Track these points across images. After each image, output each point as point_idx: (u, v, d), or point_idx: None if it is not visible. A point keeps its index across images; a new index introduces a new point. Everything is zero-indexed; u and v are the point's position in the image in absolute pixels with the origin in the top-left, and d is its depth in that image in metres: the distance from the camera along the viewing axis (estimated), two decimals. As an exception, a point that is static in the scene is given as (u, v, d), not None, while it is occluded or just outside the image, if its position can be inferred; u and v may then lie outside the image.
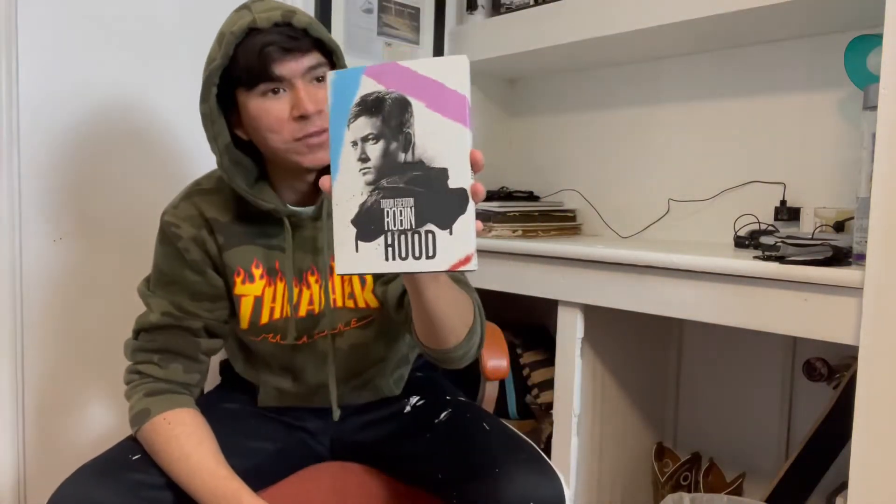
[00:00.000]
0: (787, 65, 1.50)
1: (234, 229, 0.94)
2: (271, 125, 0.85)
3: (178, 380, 0.92)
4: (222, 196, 0.95)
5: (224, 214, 0.94)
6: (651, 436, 1.71)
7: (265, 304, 0.95)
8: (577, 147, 1.90)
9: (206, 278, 0.93)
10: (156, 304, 0.93)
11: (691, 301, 1.20)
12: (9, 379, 1.25)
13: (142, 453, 0.88)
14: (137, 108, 1.37)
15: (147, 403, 0.88)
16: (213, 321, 0.95)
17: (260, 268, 0.94)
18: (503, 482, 0.83)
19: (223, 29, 0.85)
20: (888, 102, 0.98)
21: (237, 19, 0.84)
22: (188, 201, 0.95)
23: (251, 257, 0.94)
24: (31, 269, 1.27)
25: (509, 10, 1.79)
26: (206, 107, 0.86)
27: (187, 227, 0.93)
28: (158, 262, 0.95)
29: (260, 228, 0.94)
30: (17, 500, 1.28)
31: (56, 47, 1.27)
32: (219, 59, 0.83)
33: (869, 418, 1.00)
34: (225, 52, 0.83)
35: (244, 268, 0.94)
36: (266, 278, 0.94)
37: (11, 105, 1.22)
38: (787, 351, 1.56)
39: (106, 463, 0.86)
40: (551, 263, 1.41)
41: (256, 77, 0.83)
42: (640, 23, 1.45)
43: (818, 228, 1.37)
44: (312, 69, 0.85)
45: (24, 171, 1.25)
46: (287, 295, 0.95)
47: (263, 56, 0.82)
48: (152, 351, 0.92)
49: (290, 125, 0.84)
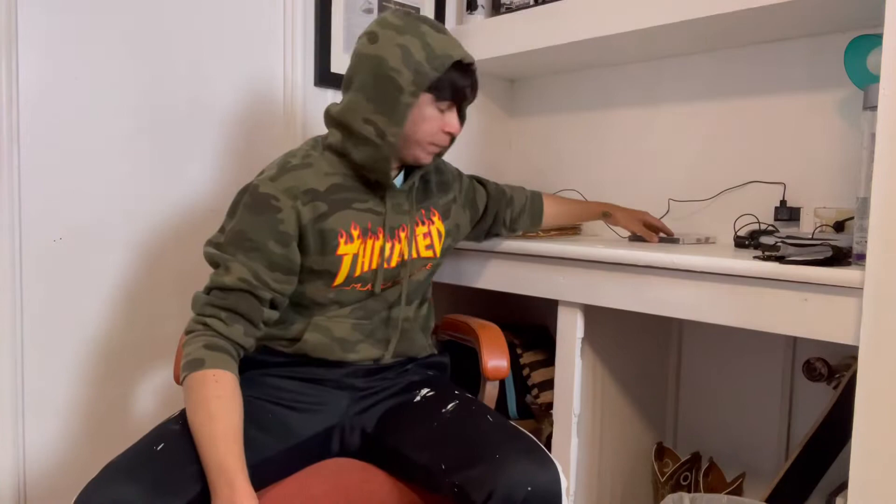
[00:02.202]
0: (787, 65, 1.50)
1: (332, 198, 1.07)
2: (431, 129, 1.08)
3: (237, 340, 0.99)
4: (314, 170, 1.08)
5: (321, 184, 1.07)
6: (651, 436, 1.71)
7: (360, 260, 1.09)
8: (577, 147, 1.90)
9: (288, 251, 1.03)
10: (235, 267, 1.00)
11: (691, 301, 1.20)
12: (9, 379, 1.25)
13: (165, 443, 0.89)
14: (137, 108, 1.37)
15: (203, 354, 0.95)
16: (280, 294, 1.04)
17: (357, 228, 1.09)
18: (502, 468, 0.87)
19: (433, 45, 1.03)
20: (888, 102, 0.98)
21: (448, 45, 1.05)
22: (287, 175, 1.06)
23: (350, 221, 1.08)
24: (31, 269, 1.27)
25: (509, 10, 1.79)
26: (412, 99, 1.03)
27: (286, 199, 1.03)
28: (245, 228, 1.02)
29: (353, 195, 1.10)
30: (17, 500, 1.28)
31: (56, 47, 1.27)
32: (432, 70, 1.03)
33: (869, 418, 1.00)
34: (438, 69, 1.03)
35: (345, 230, 1.08)
36: (361, 238, 1.09)
37: (11, 105, 1.22)
38: (787, 351, 1.56)
39: (131, 460, 0.87)
40: (551, 263, 1.41)
41: (449, 97, 1.07)
42: (640, 23, 1.45)
43: (818, 228, 1.37)
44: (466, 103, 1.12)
45: (24, 171, 1.25)
46: (379, 250, 1.11)
47: (463, 91, 1.08)
48: (221, 308, 1.00)
49: (439, 133, 1.09)
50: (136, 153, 1.38)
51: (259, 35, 1.54)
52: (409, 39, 1.03)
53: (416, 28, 1.04)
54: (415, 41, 1.03)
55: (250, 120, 1.53)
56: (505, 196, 1.41)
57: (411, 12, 1.08)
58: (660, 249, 1.30)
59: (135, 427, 1.43)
